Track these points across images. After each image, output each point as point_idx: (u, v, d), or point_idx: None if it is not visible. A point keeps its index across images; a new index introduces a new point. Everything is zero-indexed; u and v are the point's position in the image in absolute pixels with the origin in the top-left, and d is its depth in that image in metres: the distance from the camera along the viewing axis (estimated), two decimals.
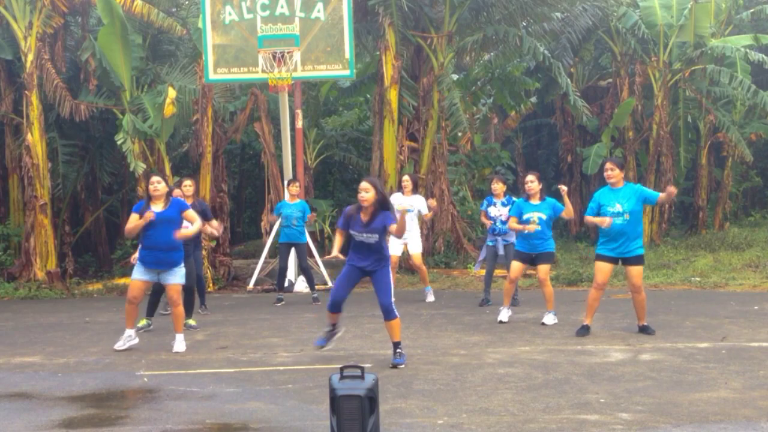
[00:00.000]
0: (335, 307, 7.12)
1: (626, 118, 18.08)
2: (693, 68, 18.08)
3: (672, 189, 8.18)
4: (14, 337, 9.30)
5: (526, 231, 9.07)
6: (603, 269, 8.29)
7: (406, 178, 11.37)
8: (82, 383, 6.74)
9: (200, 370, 7.15)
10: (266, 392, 6.25)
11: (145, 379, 6.85)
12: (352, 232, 7.01)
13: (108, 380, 6.83)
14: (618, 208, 8.13)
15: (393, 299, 7.13)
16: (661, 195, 8.27)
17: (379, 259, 7.06)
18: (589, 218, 8.35)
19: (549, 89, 19.67)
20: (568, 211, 9.09)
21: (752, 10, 18.84)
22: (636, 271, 8.23)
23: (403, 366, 6.99)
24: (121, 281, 14.39)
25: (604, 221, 8.10)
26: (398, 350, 7.13)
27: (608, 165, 8.42)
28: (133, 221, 7.85)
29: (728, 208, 20.17)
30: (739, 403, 5.59)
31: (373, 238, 6.94)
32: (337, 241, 7.29)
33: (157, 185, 7.93)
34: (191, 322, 9.53)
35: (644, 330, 8.40)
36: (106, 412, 5.82)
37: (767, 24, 19.87)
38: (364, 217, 6.95)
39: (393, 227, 6.90)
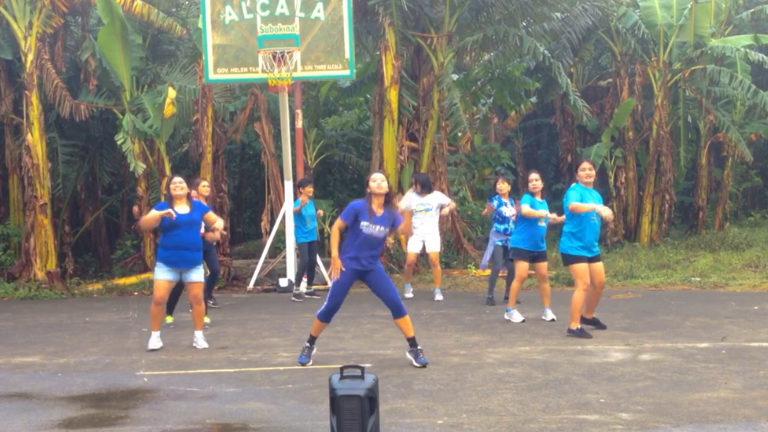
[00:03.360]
0: (329, 316, 7.11)
1: (626, 118, 18.08)
2: (693, 68, 18.08)
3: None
4: (14, 337, 9.30)
5: (544, 216, 9.17)
6: (586, 270, 8.32)
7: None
8: (82, 383, 6.74)
9: (200, 370, 7.15)
10: (266, 392, 6.25)
11: (145, 379, 6.85)
12: (363, 224, 6.92)
13: (108, 380, 6.83)
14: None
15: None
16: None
17: (377, 255, 7.14)
18: (580, 205, 8.14)
19: (549, 89, 19.67)
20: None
21: (752, 10, 18.84)
22: (601, 267, 8.48)
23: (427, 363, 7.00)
24: (121, 281, 14.38)
25: (605, 210, 8.05)
26: (418, 348, 7.08)
27: (588, 165, 8.45)
28: (155, 218, 7.89)
29: (728, 208, 20.17)
30: (739, 403, 5.59)
31: (384, 231, 7.00)
32: (336, 237, 7.05)
33: (179, 185, 8.05)
34: (206, 319, 9.61)
35: (593, 322, 8.59)
36: (106, 412, 5.82)
37: (767, 24, 19.87)
38: (377, 210, 6.98)
39: (401, 226, 7.05)
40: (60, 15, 14.40)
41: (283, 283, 13.25)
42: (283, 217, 13.70)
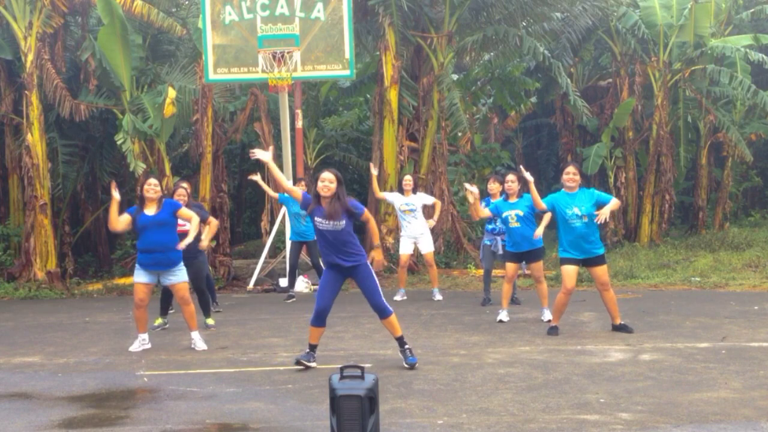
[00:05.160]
0: (319, 320, 6.91)
1: (626, 118, 18.08)
2: (693, 68, 18.09)
3: (608, 209, 8.20)
4: (14, 337, 9.30)
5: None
6: (571, 273, 8.33)
7: (408, 178, 11.43)
8: (82, 383, 6.74)
9: (200, 370, 7.15)
10: (266, 392, 6.25)
11: (145, 379, 6.85)
12: (316, 220, 6.76)
13: (108, 380, 6.83)
14: (576, 211, 8.22)
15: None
16: (611, 205, 8.29)
17: (352, 251, 6.81)
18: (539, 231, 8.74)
19: (549, 89, 19.67)
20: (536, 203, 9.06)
21: (752, 10, 18.85)
22: (601, 270, 8.37)
23: (416, 364, 6.93)
24: (121, 281, 14.39)
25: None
26: (407, 347, 7.01)
27: (572, 169, 8.39)
28: (125, 221, 7.86)
29: (728, 208, 20.18)
30: (739, 403, 5.59)
31: (339, 225, 6.70)
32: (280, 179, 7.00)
33: (155, 187, 7.93)
34: (210, 321, 9.56)
35: (621, 328, 8.48)
36: (106, 412, 5.82)
37: (767, 24, 19.88)
38: (325, 206, 6.73)
39: (366, 215, 6.84)
40: (60, 15, 14.40)
41: (283, 283, 13.25)
42: (283, 217, 13.70)
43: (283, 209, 13.76)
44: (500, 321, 9.31)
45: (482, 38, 15.62)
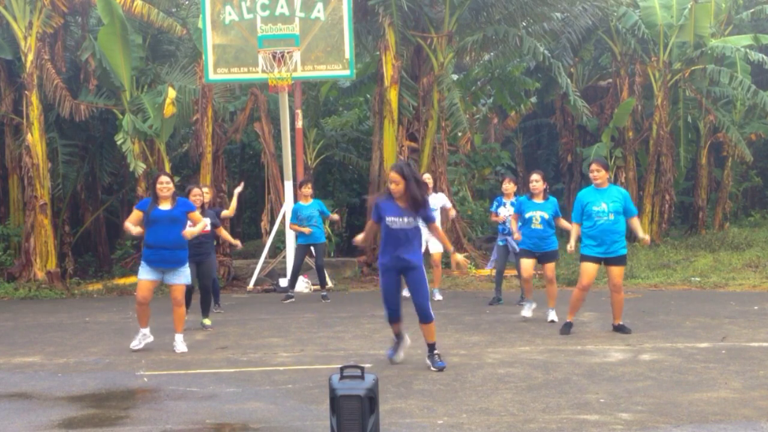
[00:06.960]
0: (395, 317, 7.02)
1: (626, 118, 18.09)
2: (693, 68, 18.09)
3: (646, 239, 8.48)
4: (14, 337, 9.30)
5: (515, 238, 9.48)
6: (589, 270, 8.30)
7: (428, 176, 11.42)
8: (82, 383, 6.73)
9: (200, 370, 7.14)
10: (266, 392, 6.25)
11: (145, 379, 6.85)
12: (388, 219, 6.73)
13: (108, 380, 6.83)
14: (603, 207, 8.19)
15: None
16: (640, 235, 8.37)
17: (416, 250, 6.85)
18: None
19: (549, 89, 19.68)
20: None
21: (752, 10, 18.87)
22: (618, 270, 8.33)
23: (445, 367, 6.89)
24: (121, 281, 14.38)
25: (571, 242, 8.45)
26: (436, 353, 6.98)
27: (595, 166, 8.38)
28: (135, 218, 7.85)
29: (728, 208, 20.20)
30: (739, 403, 5.58)
31: (413, 222, 6.76)
32: (368, 229, 7.07)
33: (167, 185, 7.93)
34: (207, 322, 9.56)
35: (620, 329, 8.47)
36: (106, 412, 5.82)
37: (767, 24, 19.89)
38: (400, 203, 6.77)
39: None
40: (60, 15, 14.41)
41: (283, 283, 13.25)
42: (283, 217, 13.70)
43: (283, 209, 13.76)
44: (525, 318, 9.32)
45: (482, 38, 15.62)
